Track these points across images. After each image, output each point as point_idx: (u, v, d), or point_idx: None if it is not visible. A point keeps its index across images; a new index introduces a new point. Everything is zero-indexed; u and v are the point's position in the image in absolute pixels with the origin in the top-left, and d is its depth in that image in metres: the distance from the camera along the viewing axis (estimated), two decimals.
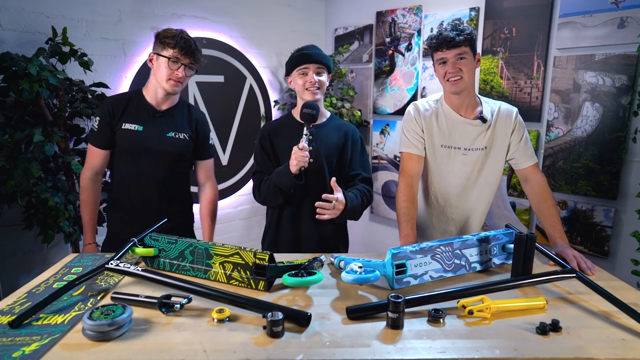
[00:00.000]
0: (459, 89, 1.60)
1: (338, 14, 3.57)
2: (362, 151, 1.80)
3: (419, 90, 3.07)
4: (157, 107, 1.75)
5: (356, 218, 1.72)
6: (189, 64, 1.68)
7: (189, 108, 1.84)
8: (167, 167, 1.77)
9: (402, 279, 1.26)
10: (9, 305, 1.14)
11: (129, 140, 1.71)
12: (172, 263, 1.37)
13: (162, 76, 1.66)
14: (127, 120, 1.71)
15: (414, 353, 0.95)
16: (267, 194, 1.69)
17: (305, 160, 1.54)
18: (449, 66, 1.57)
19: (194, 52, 1.68)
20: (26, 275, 2.32)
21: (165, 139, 1.74)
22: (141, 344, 0.97)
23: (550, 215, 1.60)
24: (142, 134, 1.71)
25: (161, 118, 1.75)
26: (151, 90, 1.74)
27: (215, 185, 1.97)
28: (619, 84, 2.15)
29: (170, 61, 1.64)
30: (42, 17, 2.28)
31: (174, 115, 1.78)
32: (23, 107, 2.07)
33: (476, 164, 1.68)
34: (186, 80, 1.71)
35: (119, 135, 1.71)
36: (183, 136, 1.78)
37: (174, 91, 1.71)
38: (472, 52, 1.58)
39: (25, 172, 1.95)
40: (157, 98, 1.74)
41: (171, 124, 1.76)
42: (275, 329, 0.99)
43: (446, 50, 1.55)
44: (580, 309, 1.15)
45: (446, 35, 1.55)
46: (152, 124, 1.73)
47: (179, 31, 1.67)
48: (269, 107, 3.42)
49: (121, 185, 1.78)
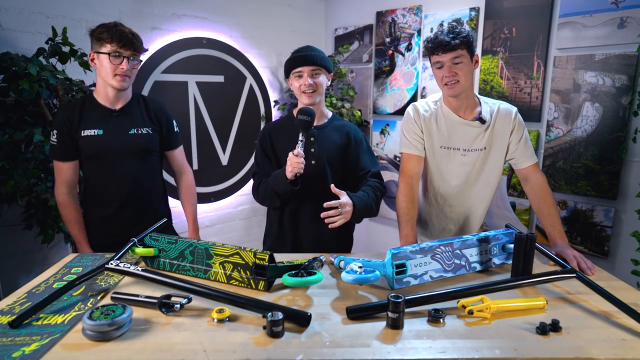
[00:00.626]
0: (455, 92, 1.60)
1: (338, 14, 3.57)
2: (367, 148, 1.79)
3: (419, 90, 3.07)
4: (112, 107, 1.70)
5: (374, 214, 1.70)
6: (131, 55, 1.62)
7: (145, 100, 1.80)
8: (136, 165, 1.74)
9: (402, 279, 1.26)
10: (9, 305, 1.14)
11: (92, 146, 1.67)
12: (172, 263, 1.37)
13: (107, 73, 1.61)
14: (85, 126, 1.66)
15: (414, 353, 0.95)
16: (265, 196, 1.70)
17: (301, 167, 1.53)
18: (445, 70, 1.57)
19: (133, 42, 1.61)
20: (26, 275, 2.32)
21: (128, 137, 1.71)
22: (141, 344, 0.97)
23: (550, 215, 1.60)
24: (104, 138, 1.67)
25: (118, 117, 1.70)
26: (101, 91, 1.69)
27: (190, 171, 1.96)
28: (619, 84, 2.15)
29: (111, 56, 1.58)
30: (42, 17, 2.28)
31: (131, 111, 1.74)
32: (23, 107, 2.07)
33: (475, 165, 1.69)
34: (133, 72, 1.66)
35: (81, 143, 1.67)
36: (146, 131, 1.74)
37: (123, 87, 1.65)
38: (470, 54, 1.57)
39: (25, 172, 1.95)
40: (109, 98, 1.69)
41: (130, 121, 1.72)
42: (275, 329, 1.00)
43: (442, 54, 1.55)
44: (580, 309, 1.15)
45: (442, 39, 1.54)
46: (112, 126, 1.69)
47: (113, 24, 1.61)
48: (269, 107, 3.42)
49: (94, 193, 1.76)
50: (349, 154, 1.75)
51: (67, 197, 1.72)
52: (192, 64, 2.91)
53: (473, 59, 1.59)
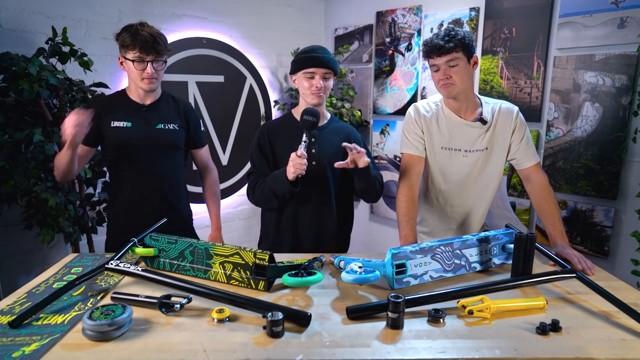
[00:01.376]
0: (451, 94, 1.60)
1: (338, 14, 3.57)
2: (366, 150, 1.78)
3: (419, 90, 3.07)
4: (142, 103, 1.76)
5: (376, 191, 1.69)
6: (154, 59, 1.65)
7: (175, 99, 1.85)
8: (161, 159, 1.77)
9: (402, 279, 1.26)
10: (9, 305, 1.14)
11: (119, 137, 1.70)
12: (172, 263, 1.37)
13: (135, 77, 1.67)
14: (116, 118, 1.71)
15: (414, 353, 0.95)
16: (262, 197, 1.68)
17: (303, 168, 1.52)
18: (440, 73, 1.57)
19: (154, 46, 1.63)
20: (26, 275, 2.32)
21: (155, 131, 1.75)
22: (141, 344, 0.97)
23: (551, 214, 1.60)
24: (132, 130, 1.72)
25: (147, 112, 1.75)
26: (133, 89, 1.76)
27: (214, 168, 1.99)
28: (619, 84, 2.15)
29: (135, 63, 1.64)
30: (42, 17, 2.28)
31: (160, 107, 1.79)
32: (23, 107, 2.07)
33: (477, 165, 1.69)
34: (160, 73, 1.71)
35: (109, 133, 1.70)
36: (173, 127, 1.79)
37: (151, 89, 1.71)
38: (467, 56, 1.56)
39: (25, 172, 1.95)
40: (140, 95, 1.75)
41: (158, 116, 1.77)
42: (275, 329, 1.00)
43: (437, 57, 1.55)
44: (580, 309, 1.15)
45: (435, 43, 1.54)
46: (140, 119, 1.74)
47: (136, 28, 1.63)
48: (269, 107, 3.42)
49: (117, 185, 1.78)
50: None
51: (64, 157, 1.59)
52: (192, 64, 2.91)
53: (471, 61, 1.58)
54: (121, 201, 1.78)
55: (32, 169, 1.95)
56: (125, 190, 1.77)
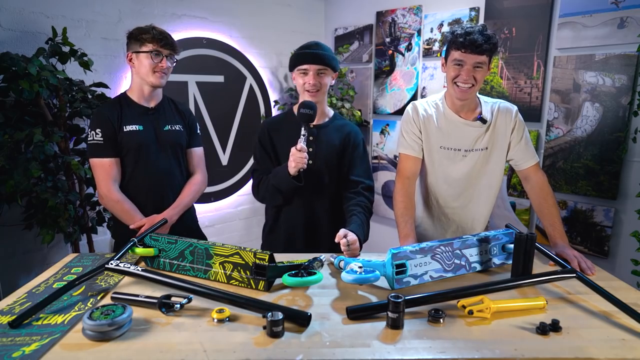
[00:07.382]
0: (466, 97, 1.57)
1: (338, 14, 3.57)
2: (363, 155, 1.76)
3: (419, 90, 3.07)
4: (147, 105, 1.79)
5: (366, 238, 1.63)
6: (169, 54, 1.73)
7: (173, 102, 1.91)
8: (169, 159, 1.81)
9: (402, 279, 1.26)
10: (9, 305, 1.14)
11: (133, 140, 1.73)
12: (172, 263, 1.37)
13: (147, 71, 1.70)
14: (127, 122, 1.73)
15: (414, 353, 0.95)
16: (267, 193, 1.68)
17: (304, 162, 1.51)
18: (464, 72, 1.50)
19: (172, 43, 1.73)
20: (26, 275, 2.32)
21: (163, 132, 1.80)
22: (141, 344, 0.97)
23: (551, 214, 1.60)
24: (144, 133, 1.75)
25: (154, 115, 1.79)
26: (136, 90, 1.77)
27: (205, 173, 1.97)
28: (619, 84, 2.15)
29: (152, 54, 1.68)
30: (42, 17, 2.28)
31: (164, 110, 1.83)
32: (23, 107, 2.07)
33: (476, 165, 1.68)
34: (170, 71, 1.76)
35: (123, 137, 1.72)
36: (177, 127, 1.84)
37: (161, 83, 1.74)
38: (489, 62, 1.54)
39: (25, 172, 1.95)
40: (145, 96, 1.77)
41: (164, 118, 1.82)
42: (275, 329, 0.99)
43: (469, 53, 1.47)
44: (580, 309, 1.15)
45: (474, 39, 1.44)
46: (149, 122, 1.77)
47: (151, 26, 1.72)
48: (269, 107, 3.43)
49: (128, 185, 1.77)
50: (345, 156, 1.73)
51: (118, 193, 1.70)
52: (192, 64, 2.91)
53: (489, 67, 1.55)
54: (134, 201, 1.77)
55: (32, 169, 1.95)
56: (134, 189, 1.77)
